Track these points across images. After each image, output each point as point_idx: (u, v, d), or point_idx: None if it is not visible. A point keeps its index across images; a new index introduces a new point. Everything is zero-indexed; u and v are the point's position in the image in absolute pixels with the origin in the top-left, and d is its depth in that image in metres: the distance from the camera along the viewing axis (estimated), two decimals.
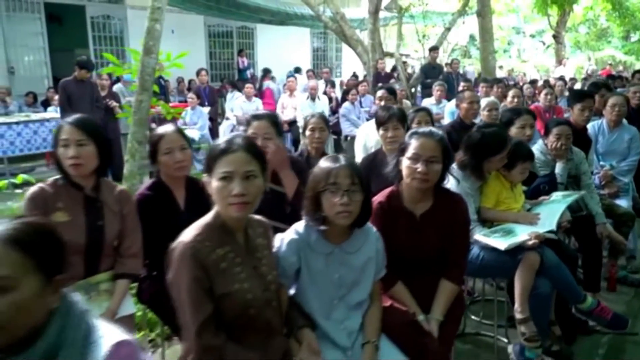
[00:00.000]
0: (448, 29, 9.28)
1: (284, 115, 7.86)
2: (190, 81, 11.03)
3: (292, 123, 7.80)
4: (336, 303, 1.72)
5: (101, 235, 1.95)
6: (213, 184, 1.41)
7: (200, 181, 2.39)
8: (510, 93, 4.67)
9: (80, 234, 1.91)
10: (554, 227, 2.39)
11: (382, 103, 3.93)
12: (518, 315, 2.30)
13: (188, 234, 1.41)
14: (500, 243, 2.23)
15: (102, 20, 10.89)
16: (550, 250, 2.37)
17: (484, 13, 10.92)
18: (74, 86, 5.91)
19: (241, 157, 1.40)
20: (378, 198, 1.91)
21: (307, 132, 3.05)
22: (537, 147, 3.11)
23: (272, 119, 2.35)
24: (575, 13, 17.46)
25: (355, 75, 11.00)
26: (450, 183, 2.16)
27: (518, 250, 2.29)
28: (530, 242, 2.23)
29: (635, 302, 3.30)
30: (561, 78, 10.12)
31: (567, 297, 2.48)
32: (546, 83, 9.52)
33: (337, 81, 12.02)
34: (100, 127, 1.97)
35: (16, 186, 4.26)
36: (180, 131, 2.19)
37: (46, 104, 9.11)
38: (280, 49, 14.02)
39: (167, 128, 2.17)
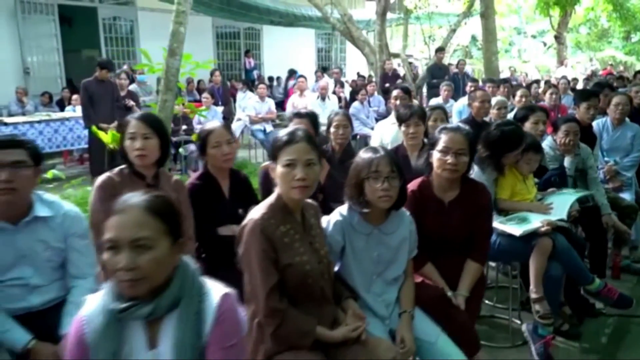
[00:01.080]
0: (453, 30, 9.52)
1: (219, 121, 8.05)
2: (199, 82, 11.26)
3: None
4: (375, 278, 1.95)
5: None
6: (278, 170, 1.63)
7: (242, 172, 2.63)
8: (519, 93, 4.89)
9: None
10: (564, 216, 2.61)
11: (398, 102, 4.14)
12: (533, 295, 2.52)
13: (256, 213, 1.63)
14: (516, 230, 2.46)
15: (112, 21, 11.12)
16: (562, 236, 2.59)
17: (487, 14, 11.15)
18: (96, 86, 6.11)
19: (303, 147, 1.62)
20: (411, 187, 2.13)
21: (332, 129, 3.23)
22: (546, 143, 3.33)
23: (312, 117, 2.58)
24: (576, 14, 17.68)
25: (361, 76, 11.21)
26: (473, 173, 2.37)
27: (532, 236, 2.52)
28: (543, 229, 2.45)
29: (638, 288, 3.52)
30: (564, 78, 10.35)
31: (576, 279, 2.71)
32: (548, 83, 9.75)
33: (330, 82, 12.29)
34: (163, 123, 2.19)
35: (47, 181, 4.51)
36: (227, 126, 2.41)
37: (61, 103, 9.33)
38: (285, 50, 14.26)
39: (215, 124, 2.39)
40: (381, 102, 8.27)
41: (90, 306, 1.15)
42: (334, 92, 8.70)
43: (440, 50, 8.91)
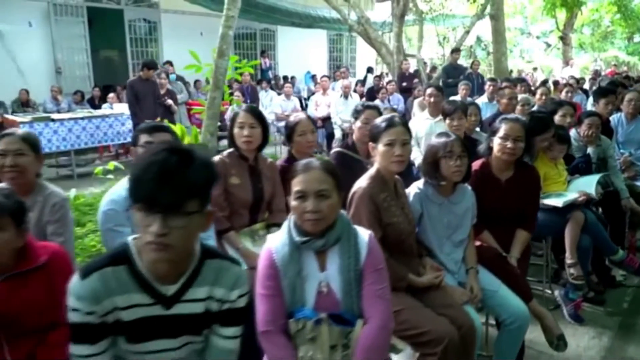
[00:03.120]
0: (467, 32, 9.94)
1: (318, 112, 8.50)
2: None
3: (326, 119, 8.44)
4: (445, 240, 2.37)
5: (261, 195, 2.60)
6: (379, 149, 2.07)
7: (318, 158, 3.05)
8: (539, 91, 5.33)
9: (247, 193, 2.56)
10: (592, 191, 3.06)
11: (432, 100, 4.57)
12: (568, 261, 2.96)
13: (363, 182, 2.06)
14: (557, 202, 2.90)
15: (138, 23, 11.56)
16: (591, 212, 3.03)
17: (497, 16, 11.58)
18: (140, 85, 6.54)
19: (401, 130, 2.05)
20: (474, 166, 2.55)
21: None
22: (571, 135, 3.77)
23: (378, 109, 3.00)
24: (582, 15, 18.10)
25: (377, 75, 11.65)
26: None
27: (567, 210, 2.96)
28: (580, 199, 2.90)
29: None
30: (573, 78, 10.79)
31: (603, 250, 3.14)
32: (556, 83, 10.19)
33: (353, 81, 12.72)
34: (264, 115, 2.62)
35: (109, 172, 4.95)
36: (310, 118, 2.85)
37: (92, 102, 9.77)
38: (299, 50, 14.71)
39: (301, 115, 2.82)
40: (400, 101, 8.70)
41: (276, 241, 1.58)
42: (355, 91, 9.12)
43: (456, 51, 9.34)
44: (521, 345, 2.39)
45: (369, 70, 13.29)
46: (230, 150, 2.61)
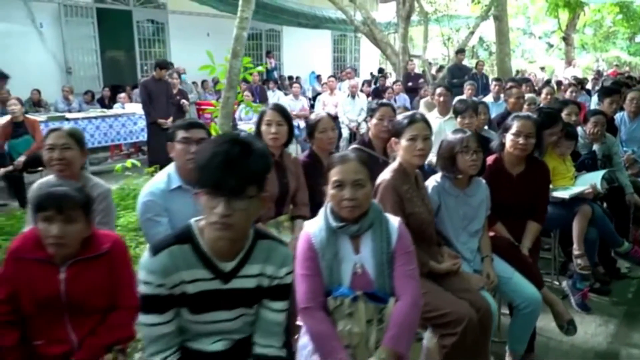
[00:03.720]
0: (472, 33, 10.08)
1: (325, 112, 8.65)
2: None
3: (333, 119, 8.57)
4: (461, 231, 2.52)
5: (286, 189, 2.74)
6: (402, 144, 2.21)
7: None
8: (544, 91, 5.48)
9: (274, 188, 2.70)
10: (599, 184, 3.20)
11: (442, 99, 4.72)
12: (576, 252, 3.10)
13: (387, 174, 2.21)
14: (564, 194, 3.05)
15: (146, 24, 11.71)
16: (597, 206, 3.17)
17: (500, 17, 11.73)
18: (153, 85, 6.68)
19: (423, 125, 2.20)
20: (487, 161, 2.70)
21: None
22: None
23: (392, 106, 3.15)
24: (585, 16, 18.24)
25: (382, 76, 11.79)
26: None
27: (575, 204, 3.10)
28: (587, 191, 3.04)
29: None
30: (575, 78, 10.94)
31: (609, 242, 3.29)
32: (559, 83, 10.34)
33: (359, 81, 12.87)
34: (289, 113, 2.77)
35: (127, 169, 5.11)
36: (331, 116, 2.99)
37: (102, 102, 9.92)
38: (303, 51, 14.87)
39: (322, 114, 2.97)
40: (406, 100, 8.84)
41: (314, 226, 1.73)
42: (361, 90, 9.26)
43: (461, 51, 9.49)
44: (532, 332, 2.54)
45: (380, 71, 13.46)
46: None
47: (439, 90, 4.81)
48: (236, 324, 1.46)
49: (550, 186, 3.00)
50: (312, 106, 9.95)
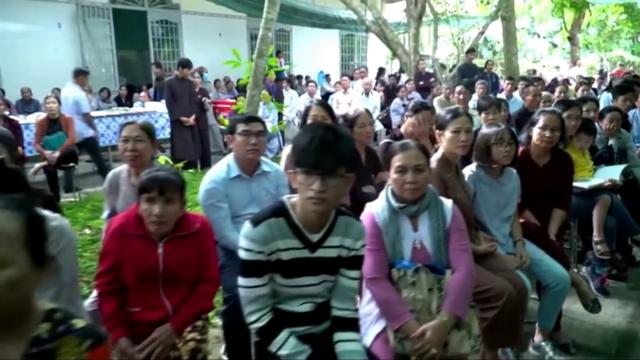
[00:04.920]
0: (482, 32, 10.29)
1: (339, 110, 8.86)
2: (238, 80, 12.05)
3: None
4: (494, 217, 2.73)
5: None
6: (446, 135, 2.43)
7: (372, 149, 3.41)
8: (558, 89, 5.68)
9: None
10: (617, 178, 3.42)
11: (461, 96, 4.94)
12: (596, 238, 3.32)
13: (432, 163, 2.41)
14: (584, 184, 3.26)
15: (160, 24, 11.94)
16: (616, 196, 3.39)
17: (508, 17, 11.93)
18: (177, 84, 6.88)
19: (465, 119, 2.42)
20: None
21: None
22: None
23: (432, 109, 3.37)
24: (592, 16, 18.45)
25: (393, 75, 12.01)
26: None
27: (594, 194, 3.32)
28: (606, 184, 3.25)
29: None
30: (581, 77, 11.16)
31: (626, 230, 3.50)
32: (566, 82, 10.57)
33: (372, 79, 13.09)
34: (332, 108, 2.98)
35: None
36: (368, 112, 3.21)
37: (118, 100, 10.14)
38: (312, 50, 15.08)
39: (360, 109, 3.19)
40: (418, 99, 9.05)
41: (377, 207, 1.94)
42: (374, 89, 9.48)
43: (471, 51, 9.70)
44: (559, 312, 2.76)
45: (401, 70, 13.66)
46: None
47: (458, 88, 5.04)
48: (319, 288, 1.67)
49: None
50: None
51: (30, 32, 9.78)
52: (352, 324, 1.69)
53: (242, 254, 1.58)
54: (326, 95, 11.01)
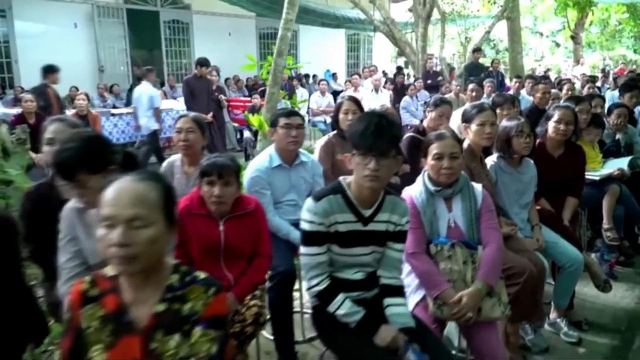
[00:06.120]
0: (488, 32, 10.51)
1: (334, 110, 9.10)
2: (248, 79, 12.29)
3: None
4: (514, 203, 2.96)
5: None
6: (472, 128, 2.66)
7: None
8: (566, 87, 5.91)
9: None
10: (625, 167, 3.65)
11: (474, 94, 5.18)
12: (606, 226, 3.55)
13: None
14: (595, 175, 3.49)
15: (172, 24, 12.18)
16: (624, 186, 3.62)
17: (513, 17, 12.17)
18: (195, 82, 7.11)
19: (490, 113, 2.65)
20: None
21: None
22: None
23: (451, 104, 3.60)
24: (594, 15, 18.65)
25: (401, 73, 12.24)
26: None
27: (604, 184, 3.55)
28: (615, 173, 3.49)
29: None
30: (585, 75, 11.38)
31: (634, 218, 3.73)
32: (568, 80, 10.79)
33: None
34: (361, 103, 3.22)
35: None
36: (395, 108, 3.44)
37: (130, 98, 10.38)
38: (319, 49, 15.31)
39: (387, 105, 3.42)
40: (427, 97, 9.27)
41: (414, 190, 2.18)
42: (384, 87, 9.71)
43: (477, 50, 9.92)
44: (572, 292, 2.99)
45: (402, 73, 13.93)
46: (334, 132, 3.21)
47: (471, 86, 5.28)
48: (369, 258, 1.90)
49: None
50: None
51: (47, 32, 10.03)
52: (399, 291, 1.92)
53: (305, 226, 1.81)
54: (333, 94, 11.25)
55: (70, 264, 1.75)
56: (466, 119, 2.71)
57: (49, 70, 6.37)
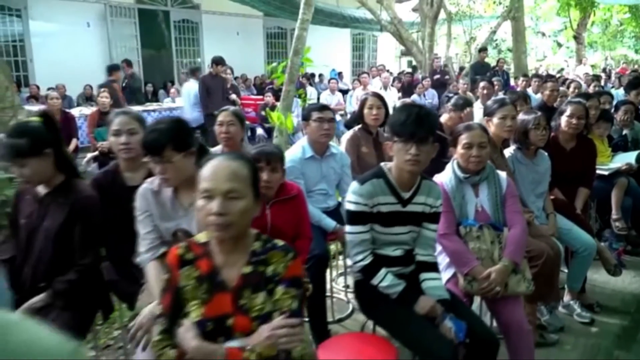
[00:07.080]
0: (494, 32, 10.70)
1: (358, 106, 9.30)
2: (255, 78, 12.49)
3: None
4: (530, 192, 3.16)
5: (382, 159, 3.37)
6: (494, 121, 2.86)
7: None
8: (572, 85, 6.12)
9: (373, 159, 3.34)
10: (633, 161, 3.85)
11: (485, 92, 5.38)
12: (614, 216, 3.75)
13: None
14: (604, 170, 3.69)
15: (182, 23, 12.37)
16: (632, 179, 3.82)
17: (517, 17, 12.36)
18: (211, 80, 7.31)
19: (511, 108, 2.85)
20: None
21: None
22: None
23: (470, 103, 3.79)
24: (596, 15, 18.84)
25: (408, 72, 12.44)
26: None
27: (613, 177, 3.75)
28: (623, 168, 3.68)
29: None
30: (587, 75, 11.59)
31: None
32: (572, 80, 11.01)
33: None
34: (385, 98, 3.41)
35: None
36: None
37: (145, 96, 10.56)
38: (324, 49, 15.47)
39: (407, 101, 3.61)
40: (434, 95, 9.48)
41: (444, 177, 2.37)
42: (392, 85, 9.91)
43: (483, 50, 10.12)
44: (584, 277, 3.19)
45: (409, 72, 14.11)
46: (359, 126, 3.41)
47: (482, 84, 5.47)
48: (407, 237, 2.09)
49: None
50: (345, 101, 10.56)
51: (61, 31, 10.22)
52: (434, 267, 2.12)
53: (350, 207, 2.00)
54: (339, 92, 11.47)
55: (151, 236, 1.94)
56: (488, 112, 2.91)
57: (113, 68, 6.75)
